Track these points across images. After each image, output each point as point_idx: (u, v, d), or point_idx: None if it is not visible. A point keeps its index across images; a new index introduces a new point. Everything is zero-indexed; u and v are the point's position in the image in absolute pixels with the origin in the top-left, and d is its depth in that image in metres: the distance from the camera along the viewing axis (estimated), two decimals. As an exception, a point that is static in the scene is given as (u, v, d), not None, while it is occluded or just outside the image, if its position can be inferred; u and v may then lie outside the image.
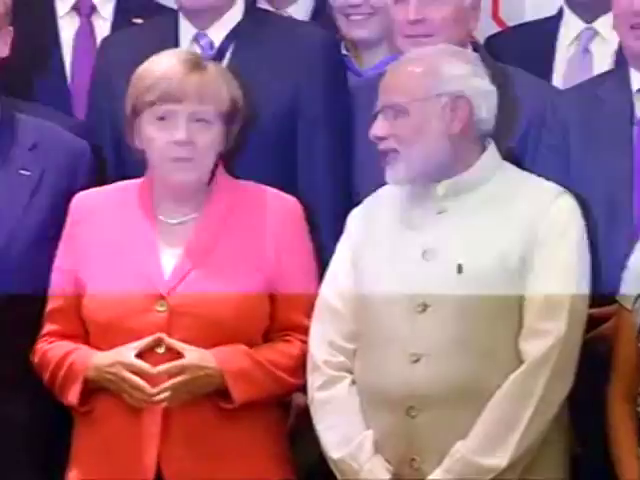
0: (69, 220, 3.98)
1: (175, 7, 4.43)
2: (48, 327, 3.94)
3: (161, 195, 3.92)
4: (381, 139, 3.87)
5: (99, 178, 4.13)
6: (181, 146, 3.78)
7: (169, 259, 3.91)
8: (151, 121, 3.80)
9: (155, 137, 3.81)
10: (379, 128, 3.89)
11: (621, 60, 4.29)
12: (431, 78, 3.91)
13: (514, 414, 3.80)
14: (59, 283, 3.94)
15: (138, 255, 3.91)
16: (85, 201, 3.98)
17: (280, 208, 3.95)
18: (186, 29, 4.37)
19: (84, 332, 3.92)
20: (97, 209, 3.97)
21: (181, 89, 3.79)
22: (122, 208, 3.96)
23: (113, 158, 4.21)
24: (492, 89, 3.86)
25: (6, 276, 3.93)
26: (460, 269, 3.84)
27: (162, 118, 3.79)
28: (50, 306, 3.94)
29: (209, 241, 3.93)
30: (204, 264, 3.91)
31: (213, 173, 3.95)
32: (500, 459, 3.77)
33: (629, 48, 4.15)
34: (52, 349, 3.90)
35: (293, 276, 3.92)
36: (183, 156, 3.79)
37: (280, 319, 3.92)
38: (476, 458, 3.79)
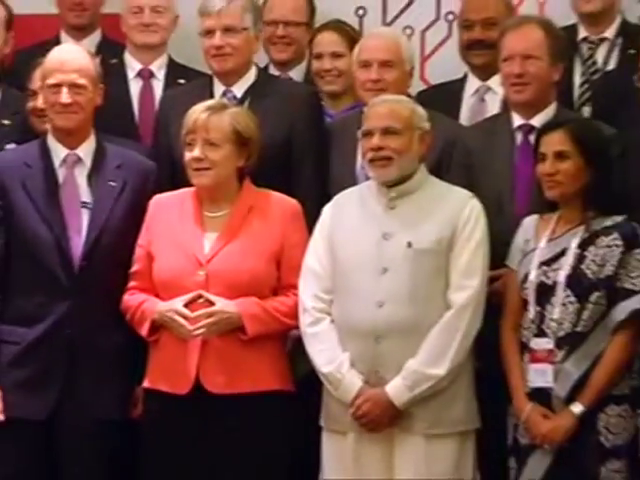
0: (148, 213, 3.94)
1: (209, 72, 4.36)
2: (131, 284, 3.89)
3: (204, 198, 3.86)
4: (380, 149, 3.77)
5: (160, 188, 4.05)
6: (196, 161, 3.76)
7: (208, 240, 3.84)
8: (185, 146, 3.82)
9: (186, 156, 3.80)
10: (380, 141, 3.79)
11: (505, 106, 4.28)
12: (414, 115, 3.86)
13: (447, 341, 3.74)
14: (139, 255, 3.89)
15: (188, 237, 3.85)
16: (159, 201, 3.94)
17: (285, 207, 3.93)
18: (217, 87, 4.31)
19: (153, 287, 3.86)
20: (165, 207, 3.93)
21: (195, 124, 3.76)
22: (181, 206, 3.91)
23: (169, 174, 4.13)
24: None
25: (102, 251, 3.88)
26: (409, 245, 3.77)
27: (189, 144, 3.78)
28: (133, 270, 3.89)
29: (235, 229, 3.86)
30: (231, 244, 3.84)
31: (241, 182, 3.91)
32: (440, 370, 3.71)
33: (510, 99, 4.14)
34: (132, 299, 3.86)
35: (292, 253, 3.87)
36: (198, 167, 3.77)
37: (282, 281, 3.87)
38: (422, 369, 3.72)
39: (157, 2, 4.72)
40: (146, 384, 3.89)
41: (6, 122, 4.42)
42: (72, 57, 4.10)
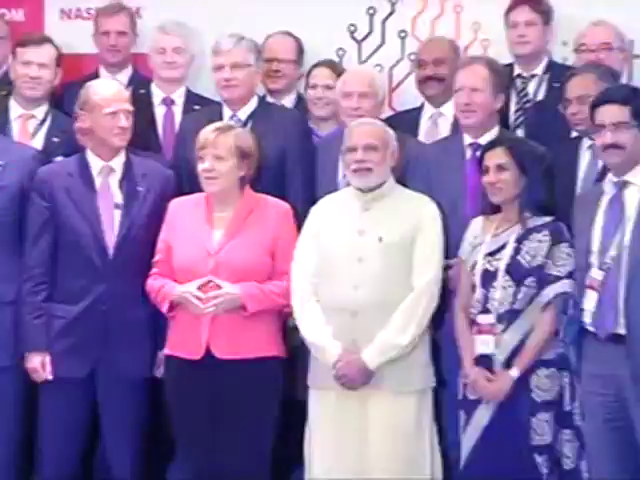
0: (168, 213, 3.92)
1: (219, 100, 4.37)
2: (153, 270, 3.86)
3: (213, 201, 3.84)
4: (362, 162, 3.76)
5: (178, 192, 4.04)
6: (206, 172, 3.75)
7: (216, 236, 3.82)
8: (198, 160, 3.80)
9: (198, 167, 3.78)
10: (363, 155, 3.78)
11: (456, 128, 4.28)
12: (387, 135, 3.87)
13: (410, 317, 3.73)
14: (160, 248, 3.86)
15: (201, 233, 3.82)
16: (177, 203, 3.92)
17: (278, 209, 3.91)
18: (226, 112, 4.30)
19: (172, 273, 3.83)
20: (182, 208, 3.90)
21: (206, 142, 3.75)
22: (195, 208, 3.88)
23: (186, 181, 4.09)
24: None
25: (130, 242, 3.87)
26: (380, 239, 3.75)
27: (200, 157, 3.76)
28: (155, 259, 3.86)
29: (238, 226, 3.84)
30: (235, 239, 3.82)
31: (243, 188, 3.89)
32: (404, 339, 3.71)
33: (461, 122, 4.14)
34: (155, 283, 3.84)
35: (284, 246, 3.85)
36: (207, 176, 3.75)
37: (276, 269, 3.84)
38: (390, 338, 3.72)
39: (177, 44, 4.68)
40: (166, 351, 3.88)
41: (55, 139, 4.39)
42: (120, 88, 4.13)
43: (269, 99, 4.67)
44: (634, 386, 3.53)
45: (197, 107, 4.60)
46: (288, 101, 4.75)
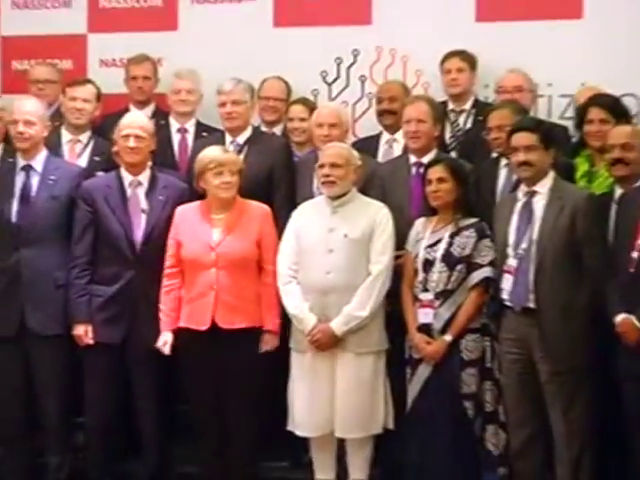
0: (175, 217, 3.84)
1: (222, 129, 4.34)
2: (167, 263, 3.80)
3: (213, 205, 3.78)
4: (328, 176, 3.75)
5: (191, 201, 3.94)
6: (226, 183, 3.70)
7: (215, 233, 3.75)
8: (213, 175, 3.71)
9: (214, 180, 3.71)
10: (328, 171, 3.78)
11: (405, 150, 4.22)
12: (351, 155, 3.85)
13: (368, 296, 3.72)
14: (171, 244, 3.79)
15: (202, 231, 3.76)
16: (181, 209, 3.84)
17: (262, 211, 3.85)
18: (228, 138, 4.26)
19: (180, 263, 3.78)
20: (187, 213, 3.83)
21: (221, 160, 3.71)
22: (197, 212, 3.82)
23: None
24: None
25: (153, 239, 3.84)
26: (346, 236, 3.74)
27: (219, 172, 3.71)
28: (168, 254, 3.80)
29: (232, 225, 3.77)
30: (230, 235, 3.76)
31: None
32: (364, 312, 3.69)
33: (409, 146, 4.12)
34: (166, 300, 3.81)
35: (267, 240, 3.82)
36: (226, 187, 3.69)
37: (262, 257, 3.80)
38: (353, 312, 3.71)
39: (189, 87, 4.63)
40: (180, 324, 3.82)
41: (97, 159, 4.37)
42: (137, 118, 4.10)
43: (264, 128, 4.64)
44: (540, 347, 3.56)
45: (205, 134, 4.55)
46: (278, 129, 4.70)
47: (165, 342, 3.79)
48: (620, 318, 3.39)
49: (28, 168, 3.96)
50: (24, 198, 3.93)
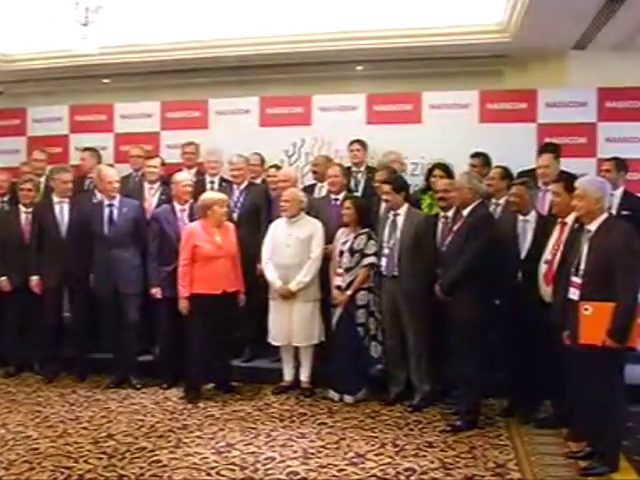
0: (186, 230, 3.69)
1: (232, 180, 4.24)
2: (182, 258, 3.63)
3: (213, 224, 3.63)
4: (285, 204, 3.73)
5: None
6: (225, 212, 3.62)
7: (217, 238, 3.63)
8: (218, 206, 3.61)
9: (220, 210, 3.60)
10: (284, 203, 3.75)
11: (328, 192, 4.02)
12: (298, 194, 3.78)
13: (309, 270, 3.69)
14: (187, 248, 3.62)
15: (210, 237, 3.61)
16: (190, 226, 3.70)
17: (231, 227, 3.74)
18: (234, 186, 4.19)
19: (193, 257, 3.60)
20: (195, 228, 3.68)
21: (225, 199, 3.64)
22: (201, 227, 3.66)
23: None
24: None
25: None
26: (297, 238, 3.71)
27: (221, 205, 3.61)
28: (183, 253, 3.64)
29: (225, 234, 3.66)
30: (224, 239, 3.64)
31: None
32: (307, 278, 3.67)
33: (330, 189, 3.97)
34: (182, 277, 3.62)
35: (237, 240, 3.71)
36: (225, 214, 3.60)
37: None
38: (301, 278, 3.67)
39: (215, 159, 4.48)
40: (197, 291, 3.60)
41: (163, 197, 4.28)
42: (187, 176, 4.03)
43: (252, 181, 4.43)
44: (400, 295, 3.54)
45: (224, 184, 4.41)
46: (259, 180, 4.52)
47: (185, 306, 3.59)
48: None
49: (111, 205, 3.94)
50: (111, 221, 3.91)
